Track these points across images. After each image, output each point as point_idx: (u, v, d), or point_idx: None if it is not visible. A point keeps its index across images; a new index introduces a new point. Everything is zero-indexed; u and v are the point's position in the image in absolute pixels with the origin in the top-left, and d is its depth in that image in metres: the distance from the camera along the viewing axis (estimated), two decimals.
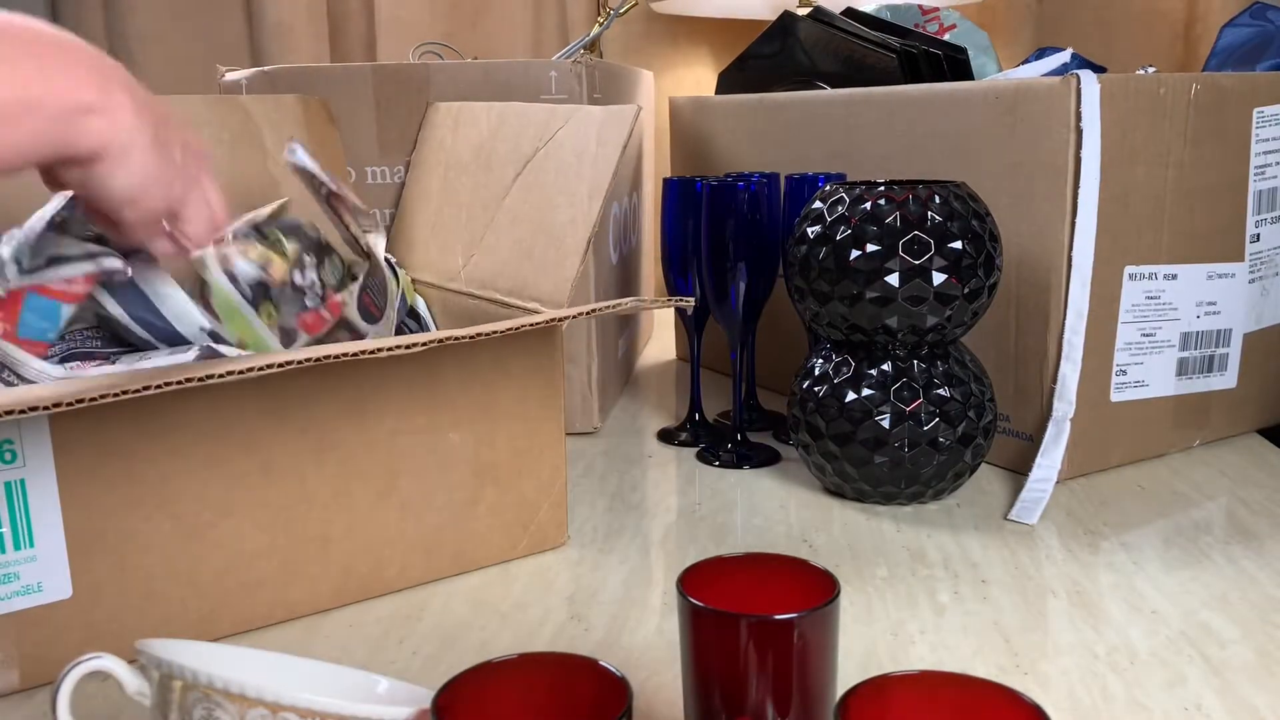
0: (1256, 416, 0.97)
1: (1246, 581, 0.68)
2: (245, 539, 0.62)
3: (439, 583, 0.70)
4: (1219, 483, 0.85)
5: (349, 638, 0.63)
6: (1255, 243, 0.91)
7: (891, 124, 0.93)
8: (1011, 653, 0.60)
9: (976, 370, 0.81)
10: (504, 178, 0.87)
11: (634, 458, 0.94)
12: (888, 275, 0.75)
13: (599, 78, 1.00)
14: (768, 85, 1.16)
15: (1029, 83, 0.82)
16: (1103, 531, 0.76)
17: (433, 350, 0.66)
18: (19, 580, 0.56)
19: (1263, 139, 0.89)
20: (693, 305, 0.67)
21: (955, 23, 1.22)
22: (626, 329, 1.18)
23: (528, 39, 1.63)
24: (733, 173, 1.05)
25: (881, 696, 0.39)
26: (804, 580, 0.48)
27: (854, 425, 0.78)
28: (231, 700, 0.41)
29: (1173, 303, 0.87)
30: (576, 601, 0.67)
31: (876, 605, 0.66)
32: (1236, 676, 0.57)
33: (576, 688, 0.43)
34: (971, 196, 0.78)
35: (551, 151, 0.84)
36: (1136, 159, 0.82)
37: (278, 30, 1.56)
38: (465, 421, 0.69)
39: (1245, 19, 1.05)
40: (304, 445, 0.63)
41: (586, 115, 0.82)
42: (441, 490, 0.69)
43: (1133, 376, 0.87)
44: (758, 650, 0.43)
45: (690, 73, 1.71)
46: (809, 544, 0.75)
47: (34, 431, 0.55)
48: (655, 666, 0.59)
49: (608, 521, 0.80)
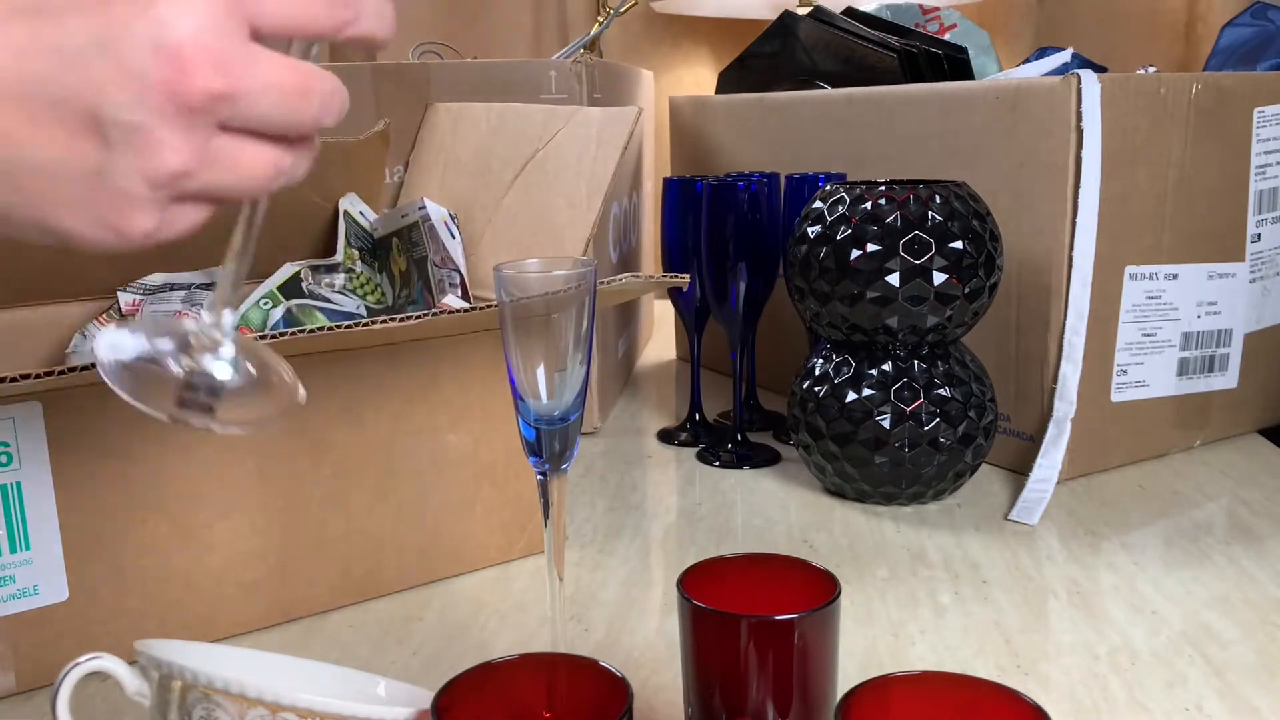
0: (1257, 416, 0.97)
1: (1247, 582, 0.68)
2: (242, 540, 0.62)
3: (439, 583, 0.70)
4: (1220, 483, 0.85)
5: (349, 638, 0.63)
6: (1256, 242, 0.91)
7: (892, 124, 0.93)
8: (1012, 653, 0.60)
9: (977, 370, 0.80)
10: (503, 178, 0.87)
11: (634, 458, 0.94)
12: (888, 275, 0.75)
13: (599, 77, 0.99)
14: (768, 85, 1.16)
15: (1030, 82, 0.82)
16: (1103, 532, 0.76)
17: (431, 350, 0.66)
18: (15, 583, 0.56)
19: (1263, 139, 0.89)
20: (686, 283, 0.68)
21: (956, 22, 1.22)
22: (626, 329, 1.18)
23: (527, 39, 1.63)
24: (733, 173, 1.05)
25: (882, 697, 0.39)
26: (804, 580, 0.48)
27: (854, 425, 0.78)
28: (231, 700, 0.41)
29: (1173, 303, 0.87)
30: (576, 601, 0.67)
31: (877, 605, 0.66)
32: (1237, 677, 0.57)
33: (576, 688, 0.42)
34: (972, 196, 0.78)
35: (551, 152, 0.84)
36: (1137, 159, 0.82)
37: None
38: (463, 422, 0.69)
39: (1246, 19, 1.05)
40: (301, 446, 0.63)
41: (586, 116, 0.82)
42: (439, 491, 0.69)
43: (1133, 376, 0.87)
44: (758, 651, 0.43)
45: (690, 73, 1.71)
46: (809, 544, 0.75)
47: (30, 433, 0.55)
48: (655, 666, 0.59)
49: (608, 521, 0.80)
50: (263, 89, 0.33)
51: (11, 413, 0.54)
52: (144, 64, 0.30)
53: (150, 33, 0.31)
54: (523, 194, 0.84)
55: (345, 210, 0.88)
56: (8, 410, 0.54)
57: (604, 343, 1.03)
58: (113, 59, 0.31)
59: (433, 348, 0.66)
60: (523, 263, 0.50)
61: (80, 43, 0.30)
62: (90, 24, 0.31)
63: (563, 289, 0.49)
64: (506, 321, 0.50)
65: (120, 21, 0.31)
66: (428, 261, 0.85)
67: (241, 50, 0.32)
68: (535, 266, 0.50)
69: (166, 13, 0.31)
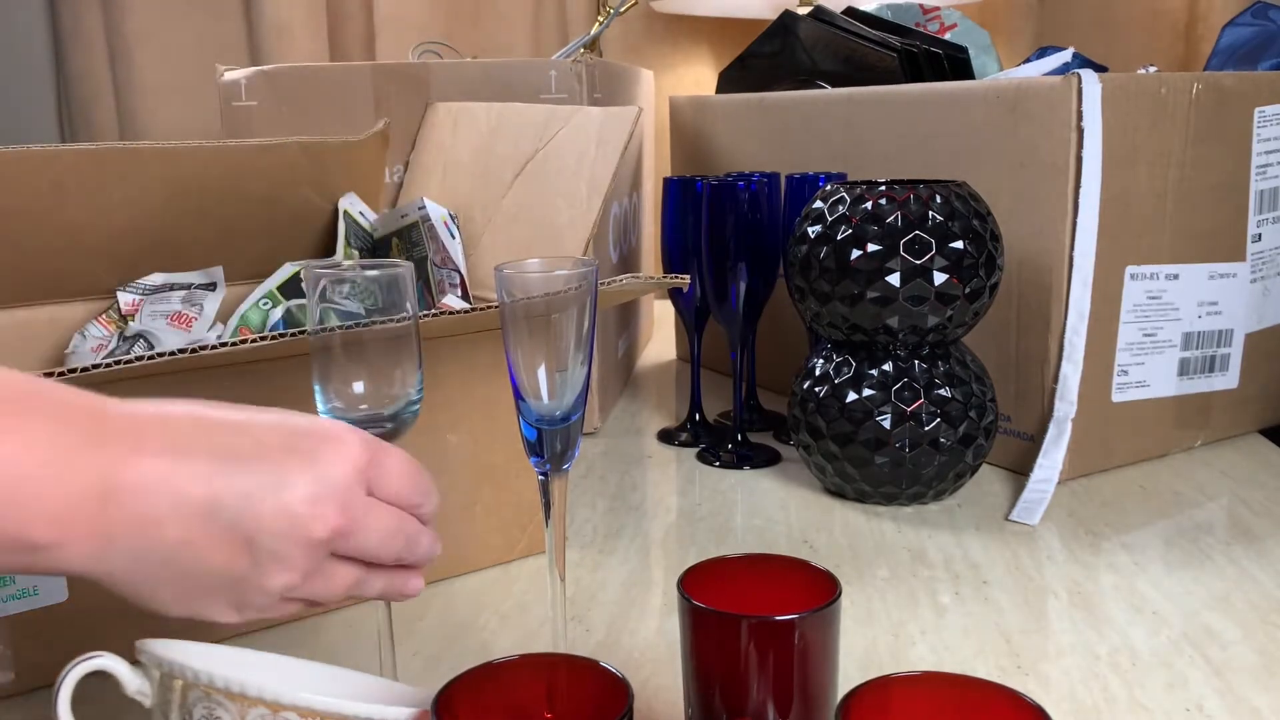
0: (1258, 416, 0.97)
1: (1248, 582, 0.68)
2: None
3: (439, 584, 0.69)
4: (1220, 483, 0.85)
5: (349, 638, 0.63)
6: (1257, 242, 0.91)
7: (892, 123, 0.93)
8: (1013, 653, 0.60)
9: (978, 370, 0.80)
10: (503, 178, 0.87)
11: (634, 458, 0.94)
12: (889, 275, 0.75)
13: (599, 77, 0.99)
14: (768, 85, 1.16)
15: (1030, 82, 0.82)
16: (1104, 532, 0.76)
17: (431, 350, 0.66)
18: (15, 583, 0.56)
19: (1264, 139, 0.89)
20: (687, 284, 0.68)
21: (956, 22, 1.22)
22: (626, 329, 1.18)
23: (527, 38, 1.63)
24: (733, 173, 1.05)
25: (883, 697, 0.39)
26: (805, 581, 0.48)
27: (855, 425, 0.78)
28: (232, 700, 0.41)
29: (1174, 303, 0.87)
30: (577, 602, 0.67)
31: (877, 606, 0.66)
32: (1238, 677, 0.57)
33: (577, 688, 0.42)
34: (973, 196, 0.77)
35: (551, 152, 0.84)
36: (1138, 159, 0.82)
37: (276, 29, 1.56)
38: (463, 422, 0.69)
39: (1246, 18, 1.05)
40: None
41: (586, 116, 0.82)
42: (439, 491, 0.68)
43: (1134, 377, 0.87)
44: (759, 651, 0.43)
45: (690, 72, 1.71)
46: (810, 544, 0.75)
47: None
48: (655, 666, 0.59)
49: (608, 522, 0.80)
50: (371, 530, 0.43)
51: None
52: (298, 508, 0.41)
53: (308, 486, 0.41)
54: (523, 194, 0.84)
55: (345, 210, 0.88)
56: None
57: (604, 343, 1.03)
58: (277, 500, 0.40)
59: (433, 348, 0.66)
60: (523, 263, 0.50)
61: (258, 484, 0.40)
62: (268, 471, 0.41)
63: (564, 289, 0.49)
64: (507, 322, 0.50)
65: (291, 473, 0.41)
66: (428, 261, 0.85)
67: (361, 501, 0.43)
68: (536, 267, 0.50)
69: (324, 470, 0.42)
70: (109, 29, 1.57)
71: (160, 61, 1.59)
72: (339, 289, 0.51)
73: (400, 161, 1.00)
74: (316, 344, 0.50)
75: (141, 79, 1.59)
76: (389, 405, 0.51)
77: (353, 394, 0.51)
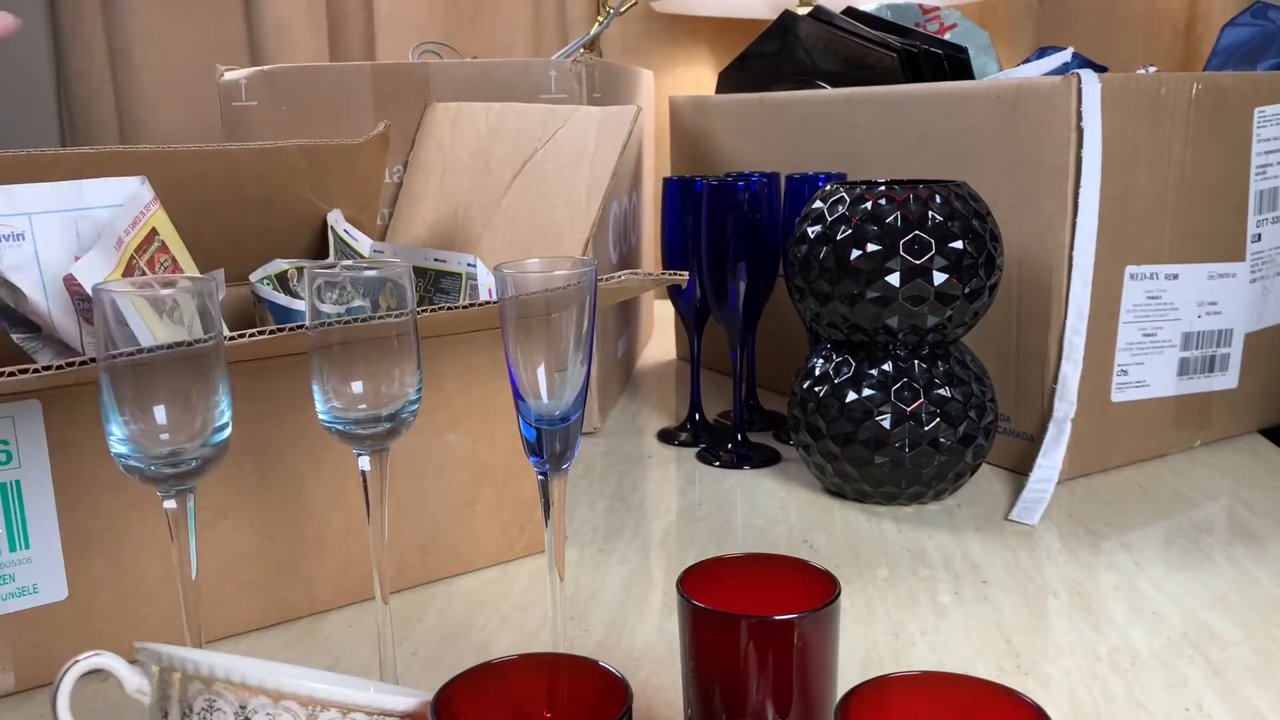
0: (1258, 416, 0.97)
1: (1248, 582, 0.68)
2: (241, 540, 0.62)
3: (438, 583, 0.69)
4: (1220, 483, 0.85)
5: (348, 639, 0.63)
6: (1256, 242, 0.91)
7: (892, 123, 0.93)
8: (1012, 653, 0.60)
9: (977, 370, 0.80)
10: (502, 178, 0.87)
11: (634, 458, 0.94)
12: (888, 275, 0.75)
13: (598, 77, 0.99)
14: (768, 85, 1.16)
15: (1030, 82, 0.82)
16: (1104, 532, 0.76)
17: (431, 349, 0.66)
18: (14, 582, 0.56)
19: (1264, 139, 0.89)
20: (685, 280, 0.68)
21: (956, 22, 1.22)
22: (626, 329, 1.18)
23: (527, 38, 1.63)
24: (733, 173, 1.05)
25: (882, 697, 0.39)
26: (804, 581, 0.48)
27: (855, 425, 0.78)
28: (233, 690, 0.40)
29: (1174, 303, 0.87)
30: (576, 601, 0.67)
31: (877, 606, 0.66)
32: (1238, 677, 0.57)
33: (576, 688, 0.42)
34: (972, 196, 0.77)
35: (550, 152, 0.84)
36: (1137, 159, 0.82)
37: (277, 29, 1.56)
38: (463, 422, 0.69)
39: (1246, 18, 1.05)
40: (300, 446, 0.63)
41: (586, 116, 0.82)
42: (438, 491, 0.69)
43: (1134, 376, 0.87)
44: (758, 651, 0.43)
45: (690, 72, 1.71)
46: (809, 544, 0.75)
47: (29, 432, 0.55)
48: (655, 666, 0.59)
49: (608, 522, 0.80)
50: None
51: (11, 411, 0.54)
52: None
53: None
54: (522, 194, 0.84)
55: (331, 226, 0.87)
56: (7, 409, 0.54)
57: (604, 343, 1.03)
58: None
59: (432, 348, 0.66)
60: (523, 262, 0.50)
61: None
62: None
63: (563, 287, 0.49)
64: (507, 321, 0.50)
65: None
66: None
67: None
68: (535, 266, 0.50)
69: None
70: (109, 29, 1.57)
71: (160, 62, 1.59)
72: (338, 289, 0.51)
73: (400, 161, 1.00)
74: (314, 343, 0.50)
75: (141, 79, 1.59)
76: (388, 405, 0.51)
77: (351, 394, 0.51)
